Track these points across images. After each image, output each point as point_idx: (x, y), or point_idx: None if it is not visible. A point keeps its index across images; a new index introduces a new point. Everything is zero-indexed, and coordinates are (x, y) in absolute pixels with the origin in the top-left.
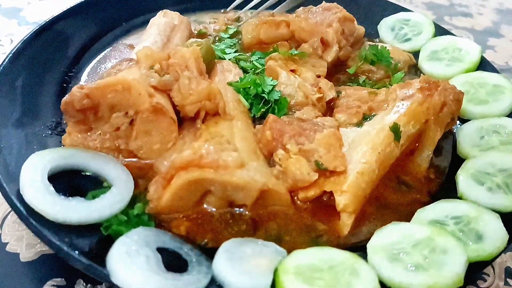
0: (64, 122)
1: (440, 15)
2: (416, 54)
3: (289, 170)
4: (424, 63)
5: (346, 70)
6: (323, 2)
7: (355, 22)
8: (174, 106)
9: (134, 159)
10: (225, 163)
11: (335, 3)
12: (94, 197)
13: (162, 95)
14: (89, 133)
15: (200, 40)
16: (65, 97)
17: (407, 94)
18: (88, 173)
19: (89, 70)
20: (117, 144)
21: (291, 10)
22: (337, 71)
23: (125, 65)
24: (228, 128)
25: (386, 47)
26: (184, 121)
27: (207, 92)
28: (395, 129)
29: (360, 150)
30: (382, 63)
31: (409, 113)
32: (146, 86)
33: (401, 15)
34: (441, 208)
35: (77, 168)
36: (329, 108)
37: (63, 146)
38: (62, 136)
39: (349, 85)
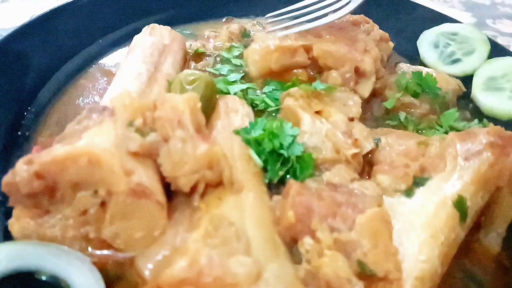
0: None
1: (481, 17)
2: (466, 79)
3: (322, 272)
4: (479, 93)
5: (382, 103)
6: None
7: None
8: (163, 176)
9: (108, 252)
10: (234, 279)
11: (362, 15)
12: None
13: (145, 164)
14: (45, 218)
15: (196, 72)
16: (6, 176)
17: (472, 150)
18: (43, 277)
19: (52, 111)
20: (84, 232)
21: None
22: (369, 105)
23: (96, 118)
24: (236, 206)
25: (432, 74)
26: (177, 195)
27: (208, 158)
28: (461, 205)
29: (416, 238)
30: (427, 94)
31: (477, 180)
32: (122, 158)
33: (446, 27)
34: None
35: (28, 270)
36: (365, 162)
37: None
38: (9, 221)
39: (388, 124)
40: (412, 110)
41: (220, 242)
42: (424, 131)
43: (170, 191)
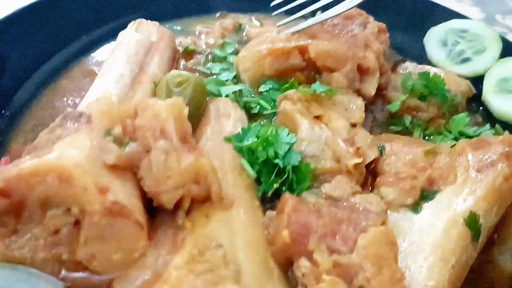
0: None
1: (490, 12)
2: (477, 80)
3: None
4: (490, 96)
5: (386, 106)
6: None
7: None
8: (144, 191)
9: (84, 274)
10: None
11: (355, 8)
12: None
13: (123, 178)
14: (13, 238)
15: (185, 73)
16: None
17: (485, 161)
18: None
19: (28, 115)
20: (57, 253)
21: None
22: (372, 108)
23: (71, 126)
24: (225, 225)
25: (439, 74)
26: (160, 211)
27: (194, 172)
28: (473, 223)
29: (424, 261)
30: (435, 97)
31: (491, 194)
32: (96, 173)
33: (454, 23)
34: None
35: None
36: (368, 171)
37: None
38: None
39: (393, 129)
40: (419, 113)
41: (205, 268)
42: (431, 137)
43: (152, 206)
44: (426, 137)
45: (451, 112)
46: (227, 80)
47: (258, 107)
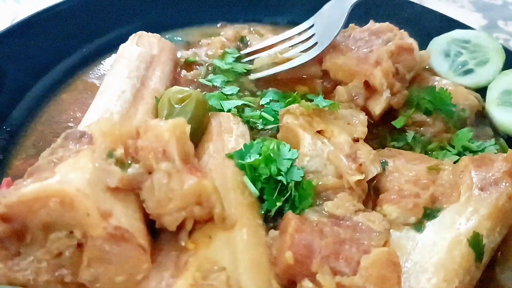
0: None
1: (493, 19)
2: (479, 92)
3: None
4: (493, 108)
5: (391, 122)
6: (371, 21)
7: (415, 51)
8: (145, 212)
9: None
10: None
11: (387, 24)
12: None
13: (126, 201)
14: (15, 260)
15: (186, 89)
16: None
17: (488, 179)
18: None
19: (29, 131)
20: (60, 276)
21: None
22: (376, 122)
23: (72, 147)
24: (227, 246)
25: (446, 89)
26: (162, 232)
27: (196, 193)
28: (476, 243)
29: (427, 282)
30: (440, 112)
31: (495, 214)
32: (99, 198)
33: (457, 33)
34: None
35: None
36: (369, 187)
37: None
38: None
39: (393, 145)
40: (424, 128)
41: None
42: (433, 152)
43: (155, 227)
44: (428, 153)
45: (458, 126)
46: (231, 94)
47: (261, 121)
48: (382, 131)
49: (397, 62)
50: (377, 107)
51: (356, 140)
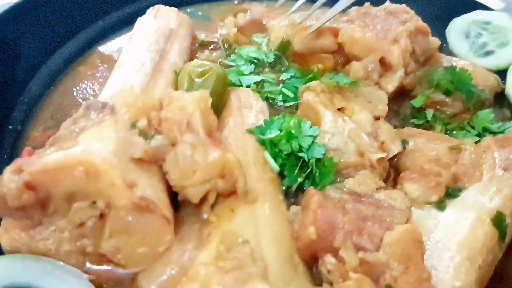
0: None
1: (510, 3)
2: (500, 73)
3: None
4: None
5: (410, 101)
6: (387, 1)
7: (430, 35)
8: (169, 184)
9: (108, 267)
10: None
11: (403, 5)
12: None
13: (150, 172)
14: (37, 229)
15: (207, 63)
16: None
17: (511, 159)
18: None
19: (46, 103)
20: (81, 246)
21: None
22: (395, 100)
23: (94, 117)
24: (250, 220)
25: (467, 70)
26: (184, 205)
27: (220, 166)
28: (500, 222)
29: (450, 261)
30: (461, 93)
31: None
32: (124, 168)
33: (477, 14)
34: None
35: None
36: (390, 166)
37: None
38: None
39: (413, 122)
40: (443, 108)
41: (233, 265)
42: (453, 132)
43: (176, 200)
44: (448, 132)
45: (476, 107)
46: (249, 73)
47: (281, 96)
48: (402, 110)
49: (414, 42)
50: (390, 84)
51: (377, 118)
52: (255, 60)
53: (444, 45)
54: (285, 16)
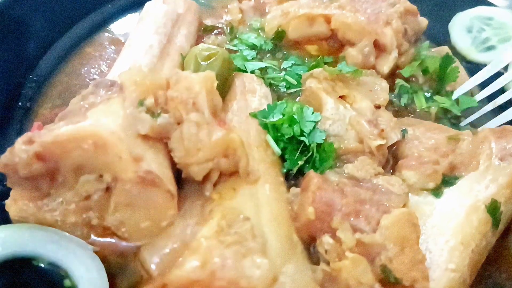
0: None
1: None
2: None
3: (342, 277)
4: None
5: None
6: None
7: (418, 15)
8: (173, 162)
9: (112, 240)
10: (249, 283)
11: None
12: None
13: (155, 148)
14: (45, 200)
15: (213, 47)
16: (4, 156)
17: (508, 150)
18: (41, 264)
19: (55, 81)
20: (87, 218)
21: None
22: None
23: (103, 94)
24: (251, 199)
25: (458, 69)
26: (187, 182)
27: (224, 146)
28: (494, 210)
29: (445, 244)
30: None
31: None
32: (131, 142)
33: (480, 10)
34: None
35: (25, 256)
36: (389, 154)
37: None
38: (6, 201)
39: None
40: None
41: (234, 240)
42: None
43: (180, 177)
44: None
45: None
46: (252, 59)
47: (284, 83)
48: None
49: (405, 23)
50: (386, 65)
51: (377, 107)
52: (256, 46)
53: (447, 38)
54: None
